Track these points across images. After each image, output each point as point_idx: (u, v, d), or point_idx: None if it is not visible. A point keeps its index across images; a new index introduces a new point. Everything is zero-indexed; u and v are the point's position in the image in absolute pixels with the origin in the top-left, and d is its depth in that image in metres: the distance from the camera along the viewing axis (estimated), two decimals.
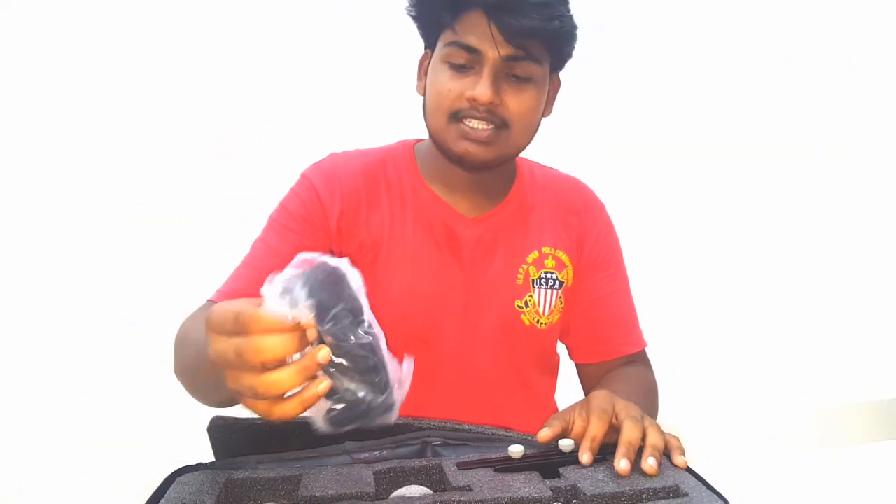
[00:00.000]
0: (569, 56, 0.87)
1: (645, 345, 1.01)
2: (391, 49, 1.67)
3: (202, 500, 0.61)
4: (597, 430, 0.68)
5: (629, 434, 0.66)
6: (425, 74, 0.87)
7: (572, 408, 0.74)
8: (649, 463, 0.64)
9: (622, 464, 0.63)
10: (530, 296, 0.92)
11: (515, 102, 0.81)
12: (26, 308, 1.66)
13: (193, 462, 0.72)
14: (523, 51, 0.79)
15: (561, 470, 0.67)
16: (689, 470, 0.68)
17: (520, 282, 0.91)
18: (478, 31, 0.78)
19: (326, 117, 1.75)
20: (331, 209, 0.86)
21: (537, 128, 0.87)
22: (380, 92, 1.76)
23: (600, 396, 0.72)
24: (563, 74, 0.92)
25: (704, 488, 0.63)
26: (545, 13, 0.77)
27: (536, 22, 0.77)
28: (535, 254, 0.92)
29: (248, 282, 0.83)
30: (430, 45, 0.87)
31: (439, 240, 0.88)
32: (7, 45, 1.62)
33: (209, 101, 1.72)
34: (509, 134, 0.82)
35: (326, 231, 0.86)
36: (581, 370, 1.04)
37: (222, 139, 1.73)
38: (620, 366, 0.99)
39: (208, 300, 0.84)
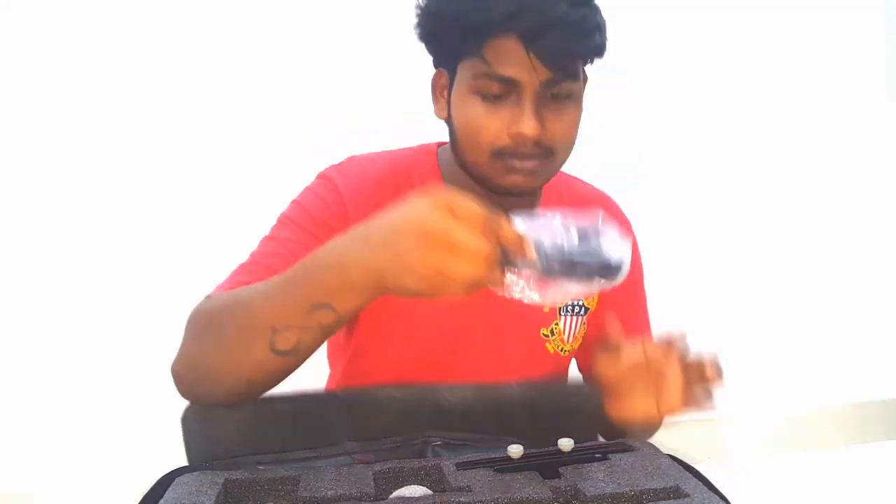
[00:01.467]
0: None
1: None
2: (394, 48, 1.66)
3: (201, 500, 0.61)
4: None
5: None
6: (443, 97, 0.81)
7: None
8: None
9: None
10: (556, 324, 0.89)
11: (559, 127, 0.75)
12: (26, 307, 1.65)
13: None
14: (563, 72, 0.72)
15: (561, 470, 0.67)
16: (690, 470, 0.68)
17: (546, 309, 0.88)
18: (512, 59, 0.70)
19: (329, 117, 1.74)
20: (354, 218, 0.79)
21: None
22: (381, 92, 1.76)
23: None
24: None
25: (706, 489, 0.63)
26: (584, 29, 0.71)
27: (577, 42, 0.71)
28: None
29: (255, 278, 0.77)
30: (443, 65, 0.80)
31: None
32: (7, 44, 1.62)
33: (211, 102, 1.72)
34: (555, 159, 0.78)
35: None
36: (585, 368, 1.03)
37: (224, 139, 1.73)
38: None
39: (207, 296, 0.78)
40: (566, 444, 0.70)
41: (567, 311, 0.90)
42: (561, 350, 0.90)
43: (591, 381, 1.03)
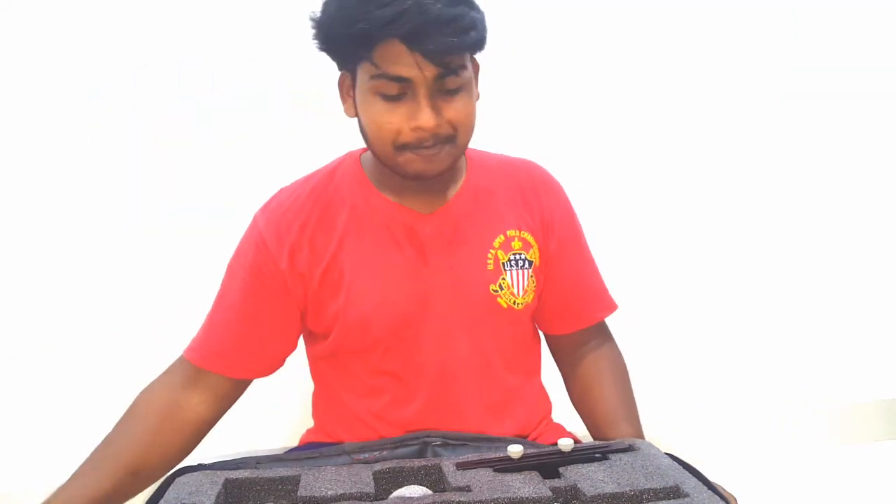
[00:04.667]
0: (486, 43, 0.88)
1: (616, 306, 1.04)
2: None
3: (201, 500, 0.61)
4: None
5: None
6: (349, 96, 0.87)
7: None
8: None
9: None
10: (503, 278, 0.93)
11: (454, 114, 0.81)
12: (29, 309, 1.66)
13: (193, 462, 0.72)
14: (448, 67, 0.79)
15: (561, 470, 0.67)
16: (690, 470, 0.68)
17: (490, 266, 0.92)
18: (401, 60, 0.77)
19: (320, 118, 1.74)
20: (279, 255, 0.87)
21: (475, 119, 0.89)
22: None
23: None
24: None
25: (705, 488, 0.63)
26: (461, 26, 0.77)
27: (454, 38, 0.77)
28: (501, 238, 0.94)
29: (219, 342, 0.88)
30: (345, 68, 0.86)
31: (400, 240, 0.90)
32: (11, 45, 1.62)
33: (207, 102, 1.72)
34: (456, 142, 0.84)
35: (278, 276, 0.87)
36: (554, 340, 1.06)
37: (218, 139, 1.73)
38: (591, 335, 1.02)
39: (182, 357, 0.89)
40: (566, 444, 0.70)
41: (511, 265, 0.94)
42: (514, 304, 0.93)
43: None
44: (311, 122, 1.74)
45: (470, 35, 0.78)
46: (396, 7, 0.74)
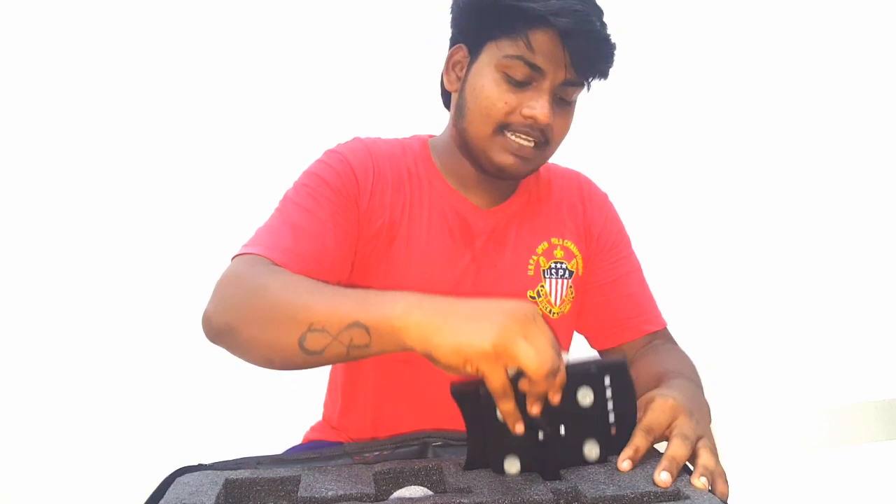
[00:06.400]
0: None
1: (665, 324, 1.01)
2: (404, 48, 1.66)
3: (201, 500, 0.61)
4: (641, 442, 0.68)
5: (675, 451, 0.66)
6: (455, 70, 0.88)
7: None
8: (662, 477, 0.63)
9: (662, 475, 0.63)
10: (542, 286, 0.93)
11: (560, 124, 0.84)
12: (28, 307, 1.66)
13: (193, 462, 0.72)
14: (581, 77, 0.82)
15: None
16: (690, 472, 0.67)
17: (531, 272, 0.93)
18: (547, 52, 0.79)
19: (352, 124, 1.74)
20: (363, 185, 0.87)
21: None
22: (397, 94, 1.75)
23: (658, 408, 0.70)
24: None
25: (705, 491, 0.63)
26: (608, 51, 0.82)
27: (603, 57, 0.81)
28: (545, 244, 0.94)
29: (308, 245, 0.80)
30: (466, 40, 0.86)
31: (453, 229, 0.90)
32: (11, 45, 1.62)
33: (205, 104, 1.72)
34: (547, 151, 0.86)
35: (356, 207, 0.86)
36: (591, 338, 1.03)
37: (214, 140, 1.73)
38: (645, 345, 0.98)
39: (259, 256, 0.77)
40: None
41: (551, 273, 0.94)
42: (550, 312, 0.93)
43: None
44: (310, 121, 1.74)
45: (610, 62, 0.83)
46: (568, 4, 0.77)
